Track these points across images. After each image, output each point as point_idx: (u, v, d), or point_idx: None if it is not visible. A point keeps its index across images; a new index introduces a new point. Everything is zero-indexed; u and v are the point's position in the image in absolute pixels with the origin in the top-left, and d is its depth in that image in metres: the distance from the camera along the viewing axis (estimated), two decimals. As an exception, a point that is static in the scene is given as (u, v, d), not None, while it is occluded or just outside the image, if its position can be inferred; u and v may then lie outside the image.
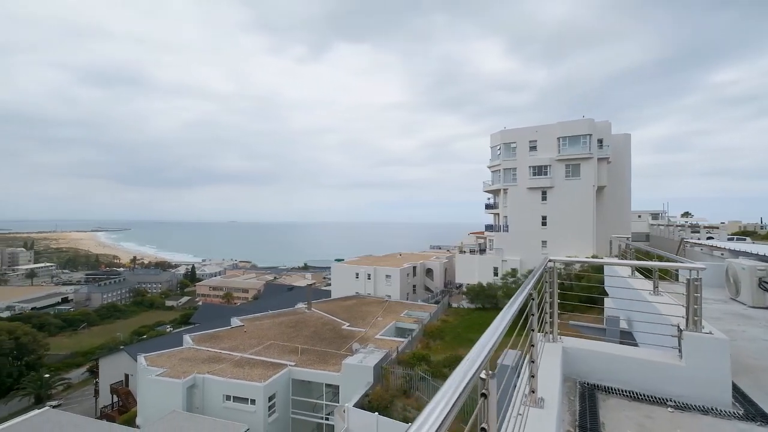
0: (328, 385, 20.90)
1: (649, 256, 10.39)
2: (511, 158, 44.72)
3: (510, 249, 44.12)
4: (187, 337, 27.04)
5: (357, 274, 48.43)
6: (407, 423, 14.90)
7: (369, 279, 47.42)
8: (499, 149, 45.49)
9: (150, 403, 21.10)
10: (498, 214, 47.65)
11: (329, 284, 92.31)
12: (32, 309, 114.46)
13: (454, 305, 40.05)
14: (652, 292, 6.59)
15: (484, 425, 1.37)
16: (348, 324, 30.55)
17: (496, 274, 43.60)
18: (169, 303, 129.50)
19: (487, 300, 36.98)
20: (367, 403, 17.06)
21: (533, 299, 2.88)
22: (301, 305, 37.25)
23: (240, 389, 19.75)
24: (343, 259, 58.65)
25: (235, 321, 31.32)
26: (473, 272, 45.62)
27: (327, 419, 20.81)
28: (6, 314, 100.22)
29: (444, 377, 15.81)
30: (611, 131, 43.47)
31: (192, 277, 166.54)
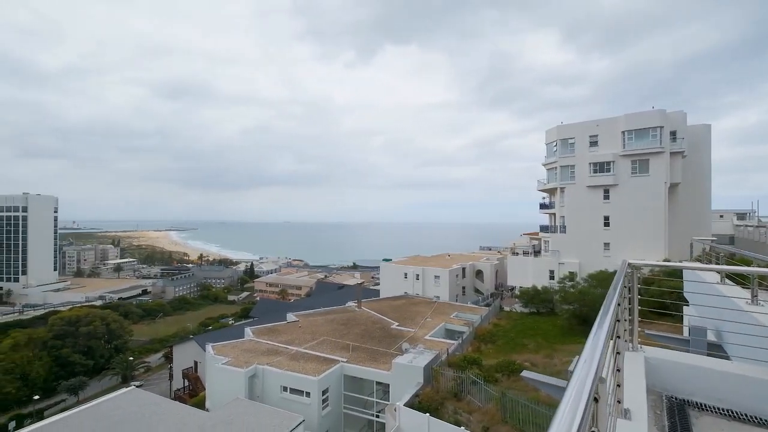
0: (378, 383, 21.21)
1: (745, 261, 9.18)
2: (568, 155, 42.03)
3: (567, 251, 41.48)
4: (248, 330, 28.93)
5: (405, 274, 48.51)
6: (458, 426, 14.65)
7: (417, 279, 47.29)
8: (555, 145, 42.97)
9: (216, 389, 22.95)
10: (554, 214, 45.02)
11: (377, 284, 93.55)
12: (119, 299, 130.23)
13: (506, 309, 38.56)
14: (749, 302, 5.82)
15: (594, 429, 1.34)
16: (397, 324, 30.73)
17: (552, 277, 41.24)
18: (230, 297, 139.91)
19: (542, 304, 35.10)
20: (417, 404, 17.05)
21: (619, 305, 2.70)
22: (351, 303, 38.18)
23: (296, 381, 20.74)
24: (390, 259, 59.10)
25: (291, 316, 32.91)
26: (527, 275, 43.57)
27: (378, 416, 21.13)
28: (99, 302, 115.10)
29: (496, 382, 15.22)
30: (686, 122, 39.10)
31: (251, 273, 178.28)
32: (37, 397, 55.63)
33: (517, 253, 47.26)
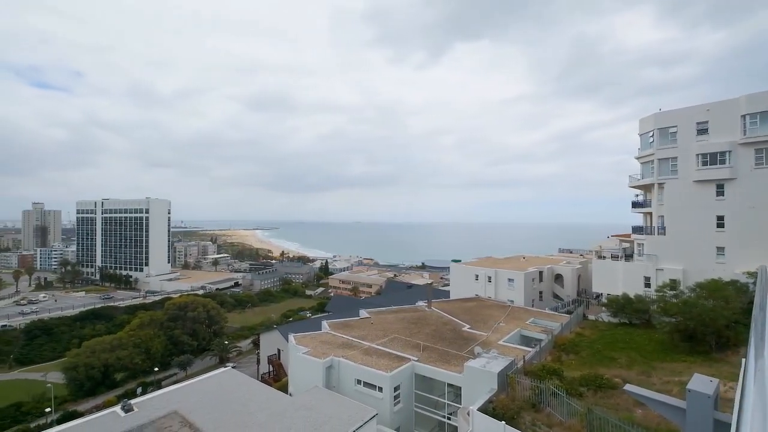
0: (449, 385, 21.07)
1: None
2: (669, 145, 36.72)
3: (668, 256, 36.28)
4: (324, 323, 30.89)
5: (477, 276, 47.12)
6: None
7: (489, 282, 45.60)
8: (652, 136, 37.86)
9: (297, 376, 24.99)
10: (650, 213, 39.70)
11: (447, 284, 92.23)
12: (216, 289, 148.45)
13: (591, 317, 35.15)
14: None
15: None
16: (468, 326, 30.09)
17: (647, 285, 36.44)
18: (308, 292, 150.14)
19: (635, 315, 31.21)
20: (491, 410, 16.56)
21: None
22: (421, 303, 38.37)
23: (369, 376, 21.63)
24: (460, 260, 57.84)
25: (363, 313, 34.28)
26: (616, 281, 39.16)
27: (449, 419, 21.00)
28: (201, 292, 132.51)
29: (581, 396, 14.16)
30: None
31: (325, 270, 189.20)
32: (156, 369, 66.31)
33: (604, 257, 42.70)
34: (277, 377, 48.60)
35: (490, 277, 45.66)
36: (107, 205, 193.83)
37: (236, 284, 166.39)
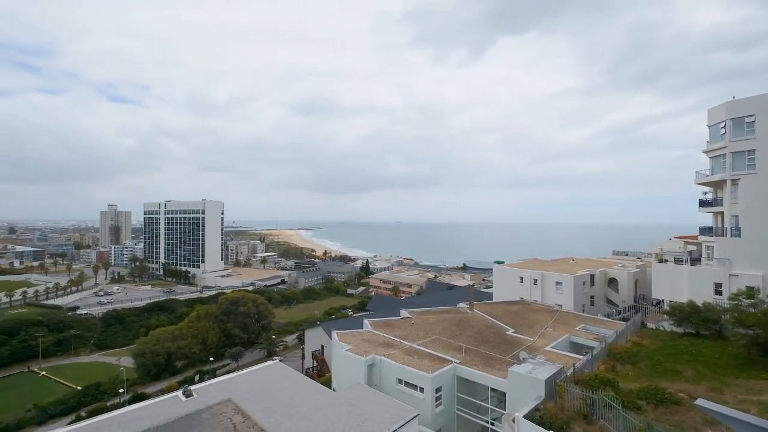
0: (493, 390, 20.55)
1: None
2: (745, 137, 32.83)
3: (743, 260, 32.46)
4: (366, 322, 31.41)
5: (521, 278, 45.34)
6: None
7: (535, 285, 43.67)
8: (724, 126, 34.08)
9: (340, 372, 25.68)
10: (721, 213, 35.76)
11: (489, 286, 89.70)
12: (264, 286, 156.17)
13: (651, 326, 32.44)
14: None
15: None
16: (513, 330, 29.11)
17: (718, 292, 32.87)
18: (349, 291, 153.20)
19: (703, 325, 28.29)
20: (538, 418, 15.92)
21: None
22: (462, 305, 37.71)
23: (410, 376, 21.68)
24: (503, 262, 55.97)
25: (404, 312, 34.38)
26: (680, 287, 35.74)
27: (492, 424, 20.48)
28: (250, 288, 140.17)
29: (639, 410, 13.25)
30: None
31: (366, 270, 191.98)
32: (212, 359, 71.26)
33: (666, 260, 39.15)
34: (320, 372, 50.15)
35: (536, 280, 43.73)
36: (169, 206, 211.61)
37: (282, 281, 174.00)
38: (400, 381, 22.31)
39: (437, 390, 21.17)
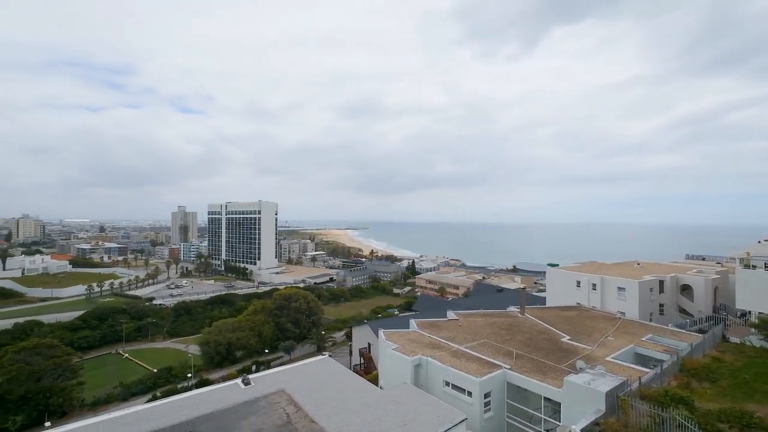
0: (546, 399, 19.54)
1: None
2: None
3: None
4: (412, 322, 31.40)
5: (578, 283, 42.50)
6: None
7: (594, 290, 40.68)
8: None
9: (387, 371, 25.94)
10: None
11: (541, 290, 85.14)
12: (314, 283, 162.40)
13: (734, 340, 28.73)
14: None
15: None
16: (569, 337, 27.42)
17: (825, 304, 28.21)
18: (395, 290, 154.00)
19: (804, 342, 24.49)
20: (597, 433, 14.88)
21: None
22: (512, 308, 36.26)
23: (458, 379, 21.31)
24: (557, 264, 52.84)
25: (451, 314, 33.85)
26: (773, 297, 31.19)
27: (546, 435, 19.48)
28: (301, 285, 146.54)
29: (719, 433, 11.76)
30: None
31: (412, 270, 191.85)
32: (266, 350, 75.64)
33: (755, 266, 34.39)
34: (367, 370, 51.01)
35: (594, 285, 40.74)
36: (229, 207, 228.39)
37: (331, 279, 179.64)
38: (447, 383, 22.02)
39: (486, 395, 20.60)
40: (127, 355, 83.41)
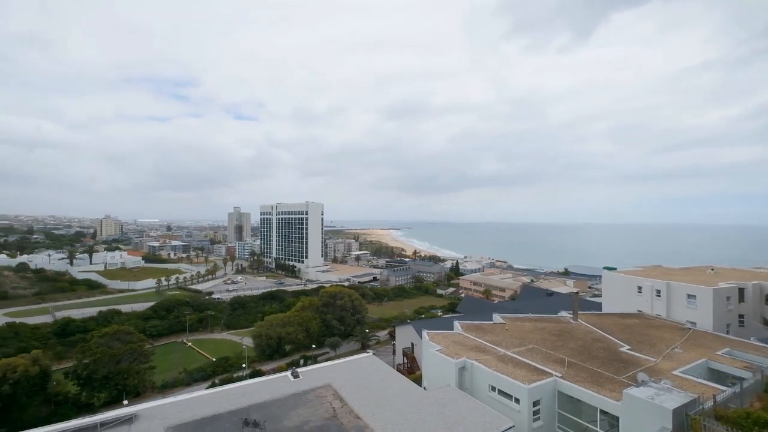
0: (603, 412, 18.29)
1: None
2: None
3: None
4: (456, 324, 30.91)
5: (640, 288, 39.15)
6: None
7: (658, 296, 37.21)
8: None
9: (430, 372, 25.79)
10: None
11: (597, 295, 79.50)
12: (358, 282, 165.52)
13: (838, 359, 24.77)
14: None
15: None
16: (628, 347, 25.41)
17: None
18: (439, 291, 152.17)
19: None
20: (661, 453, 13.67)
21: None
22: (564, 314, 34.33)
23: (505, 384, 20.62)
24: (615, 268, 49.06)
25: (497, 317, 32.84)
26: None
27: (602, 450, 18.24)
28: (346, 283, 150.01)
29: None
30: None
31: (456, 271, 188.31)
32: (314, 346, 78.48)
33: None
34: (410, 369, 51.04)
35: (659, 291, 37.25)
36: (279, 208, 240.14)
37: (375, 279, 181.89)
38: (493, 388, 21.42)
39: (535, 403, 19.74)
40: (190, 344, 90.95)
